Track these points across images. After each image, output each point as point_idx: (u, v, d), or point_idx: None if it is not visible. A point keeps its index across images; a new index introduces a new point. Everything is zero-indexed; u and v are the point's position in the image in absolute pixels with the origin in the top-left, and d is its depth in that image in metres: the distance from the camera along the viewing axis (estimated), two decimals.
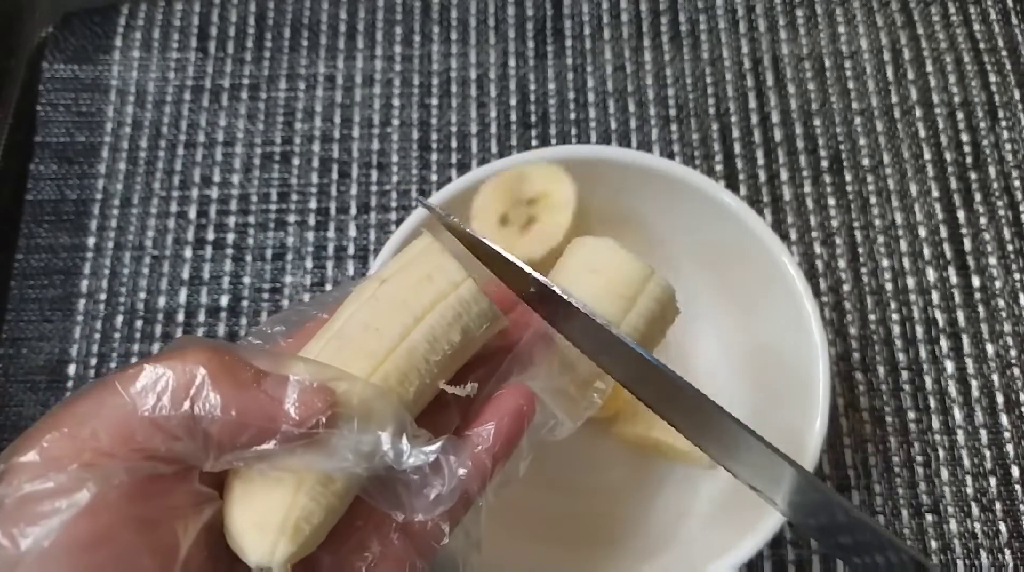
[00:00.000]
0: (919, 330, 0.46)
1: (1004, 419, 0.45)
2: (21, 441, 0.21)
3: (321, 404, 0.22)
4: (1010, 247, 0.48)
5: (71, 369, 0.47)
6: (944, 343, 0.46)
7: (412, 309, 0.26)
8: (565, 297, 0.26)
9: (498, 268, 0.28)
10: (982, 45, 0.53)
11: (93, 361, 0.47)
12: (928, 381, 0.45)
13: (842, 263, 0.48)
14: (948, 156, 0.50)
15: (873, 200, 0.49)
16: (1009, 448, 0.44)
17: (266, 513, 0.23)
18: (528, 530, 0.39)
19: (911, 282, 0.47)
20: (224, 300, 0.48)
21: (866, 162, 0.50)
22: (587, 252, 0.28)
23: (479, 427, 0.26)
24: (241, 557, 0.23)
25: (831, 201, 0.49)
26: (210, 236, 0.50)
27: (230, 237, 0.50)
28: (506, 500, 0.27)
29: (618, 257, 0.27)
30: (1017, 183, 0.49)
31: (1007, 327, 0.46)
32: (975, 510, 0.43)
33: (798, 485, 0.26)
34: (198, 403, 0.21)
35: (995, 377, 0.45)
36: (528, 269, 0.27)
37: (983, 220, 0.49)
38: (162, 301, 0.48)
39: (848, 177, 0.50)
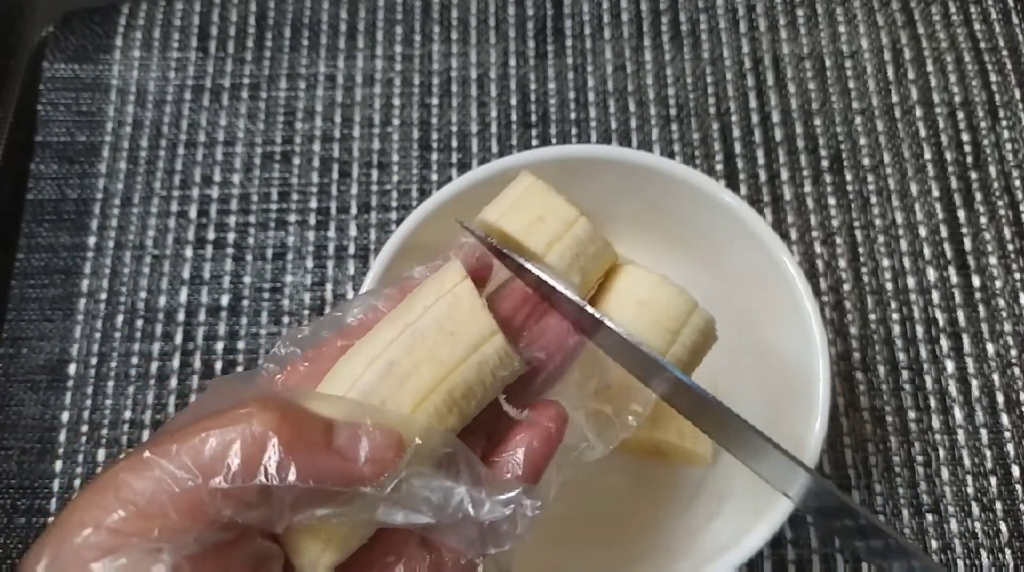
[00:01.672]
0: (919, 330, 0.46)
1: (1004, 419, 0.45)
2: (69, 515, 0.20)
3: (392, 456, 0.22)
4: (1010, 246, 0.48)
5: (71, 369, 0.47)
6: (944, 342, 0.46)
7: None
8: (616, 330, 0.27)
9: (544, 291, 0.27)
10: (983, 44, 0.53)
11: (93, 361, 0.47)
12: (928, 381, 0.45)
13: (842, 263, 0.48)
14: (948, 156, 0.50)
15: (873, 199, 0.49)
16: (1009, 448, 0.44)
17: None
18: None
19: (911, 282, 0.47)
20: (225, 299, 0.48)
21: (866, 161, 0.50)
22: (634, 283, 0.29)
23: (508, 453, 0.26)
24: None
25: (831, 200, 0.49)
26: (211, 235, 0.50)
27: (231, 236, 0.50)
28: None
29: (665, 291, 0.28)
30: (1017, 183, 0.49)
31: (1007, 326, 0.46)
32: (975, 510, 0.43)
33: (818, 491, 0.27)
34: (271, 472, 0.21)
35: (995, 377, 0.45)
36: (579, 300, 0.27)
37: (983, 219, 0.49)
38: (163, 300, 0.48)
39: (848, 176, 0.50)
